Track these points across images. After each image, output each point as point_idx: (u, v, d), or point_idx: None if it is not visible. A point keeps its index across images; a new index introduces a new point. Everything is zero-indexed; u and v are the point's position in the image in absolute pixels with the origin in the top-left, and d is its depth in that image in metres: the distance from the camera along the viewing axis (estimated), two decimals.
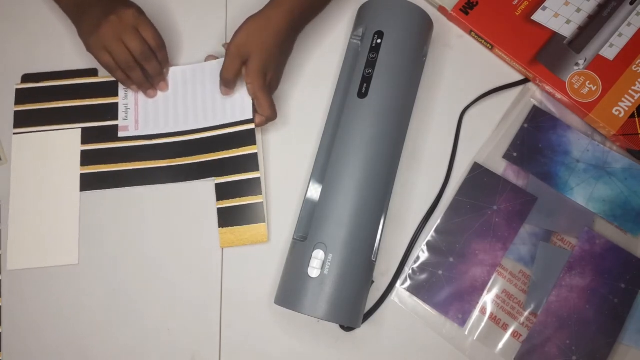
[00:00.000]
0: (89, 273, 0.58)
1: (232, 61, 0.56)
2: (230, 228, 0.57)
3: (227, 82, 0.57)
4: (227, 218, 0.58)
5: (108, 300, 0.57)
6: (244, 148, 0.58)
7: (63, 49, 0.64)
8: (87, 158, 0.60)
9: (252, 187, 0.58)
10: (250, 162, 0.58)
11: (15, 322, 0.57)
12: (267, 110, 0.57)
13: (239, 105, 0.59)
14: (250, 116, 0.58)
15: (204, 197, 0.59)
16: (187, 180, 0.59)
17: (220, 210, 0.58)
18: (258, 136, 0.60)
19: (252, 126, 0.58)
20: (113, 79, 0.62)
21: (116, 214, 0.59)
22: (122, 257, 0.58)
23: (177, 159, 0.59)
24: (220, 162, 0.58)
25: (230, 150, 0.58)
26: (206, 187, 0.59)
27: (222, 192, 0.58)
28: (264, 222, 0.57)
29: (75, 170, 0.60)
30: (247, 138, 0.58)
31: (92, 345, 0.56)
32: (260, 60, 0.55)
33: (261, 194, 0.57)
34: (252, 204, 0.57)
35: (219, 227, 0.58)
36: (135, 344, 0.56)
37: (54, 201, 0.59)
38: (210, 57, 0.62)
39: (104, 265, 0.58)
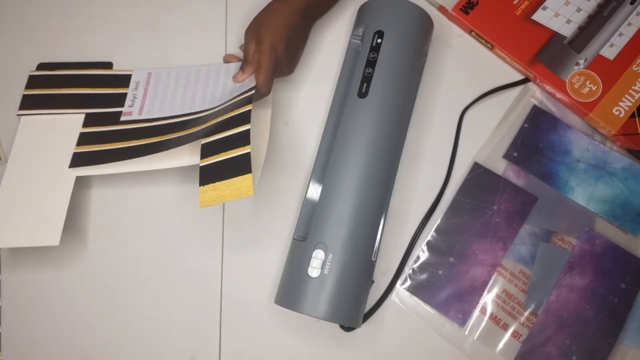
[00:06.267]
0: (89, 273, 0.58)
1: (248, 43, 0.57)
2: (212, 185, 0.50)
3: (246, 65, 0.58)
4: (208, 175, 0.51)
5: (108, 300, 0.57)
6: (237, 110, 0.53)
7: (80, 47, 0.65)
8: (83, 139, 0.59)
9: (240, 139, 0.51)
10: (241, 118, 0.52)
11: (15, 322, 0.57)
12: (261, 78, 0.55)
13: (246, 84, 0.57)
14: (252, 84, 0.55)
15: None
16: (176, 147, 0.54)
17: (202, 169, 0.51)
18: (267, 112, 0.58)
19: (251, 92, 0.54)
20: (127, 72, 0.62)
21: (117, 215, 0.59)
22: (122, 258, 0.58)
23: (173, 134, 0.57)
24: (212, 126, 0.54)
25: (224, 115, 0.54)
26: None
27: (207, 150, 0.52)
28: (250, 172, 0.49)
29: (71, 152, 0.58)
30: (243, 101, 0.54)
31: (92, 345, 0.56)
32: (269, 31, 0.56)
33: (249, 144, 0.50)
34: (237, 155, 0.50)
35: (199, 185, 0.50)
36: (135, 344, 0.56)
37: (46, 183, 0.57)
38: (229, 57, 0.62)
39: (104, 265, 0.58)
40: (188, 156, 0.56)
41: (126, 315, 0.57)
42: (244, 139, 0.51)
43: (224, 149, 0.51)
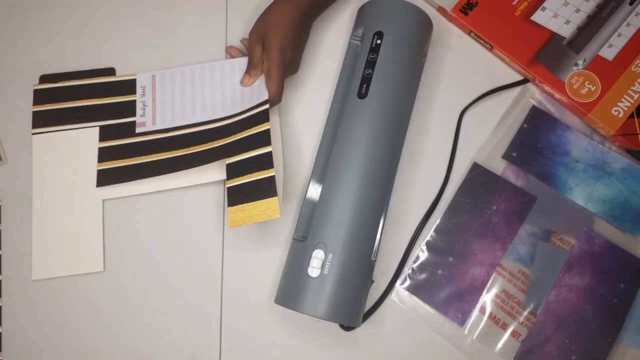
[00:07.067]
0: (89, 273, 0.58)
1: (254, 46, 0.57)
2: (240, 206, 0.53)
3: (253, 69, 0.58)
4: (236, 196, 0.53)
5: (108, 300, 0.57)
6: (256, 127, 0.55)
7: (81, 50, 0.65)
8: (104, 154, 0.59)
9: (263, 161, 0.53)
10: (262, 139, 0.54)
11: (15, 322, 0.57)
12: (273, 88, 0.56)
13: (257, 91, 0.58)
14: (266, 97, 0.56)
15: (205, 199, 0.59)
16: (201, 165, 0.56)
17: (230, 190, 0.54)
18: (275, 118, 0.59)
19: (266, 106, 0.55)
20: (131, 77, 0.63)
21: (117, 214, 0.59)
22: (122, 258, 0.58)
23: (193, 147, 0.58)
24: (233, 143, 0.56)
25: (244, 132, 0.56)
26: (208, 189, 0.59)
27: (233, 171, 0.55)
28: (276, 195, 0.52)
29: (93, 169, 0.59)
30: (261, 117, 0.55)
31: (91, 345, 0.56)
32: (277, 37, 0.55)
33: (272, 167, 0.53)
34: (262, 178, 0.53)
35: (228, 206, 0.53)
36: (135, 344, 0.56)
37: (75, 207, 0.58)
38: (232, 49, 0.62)
39: (105, 265, 0.58)
40: (211, 173, 0.57)
41: (126, 315, 0.57)
42: (267, 161, 0.53)
43: (249, 170, 0.54)
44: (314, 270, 0.50)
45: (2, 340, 0.56)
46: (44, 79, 0.63)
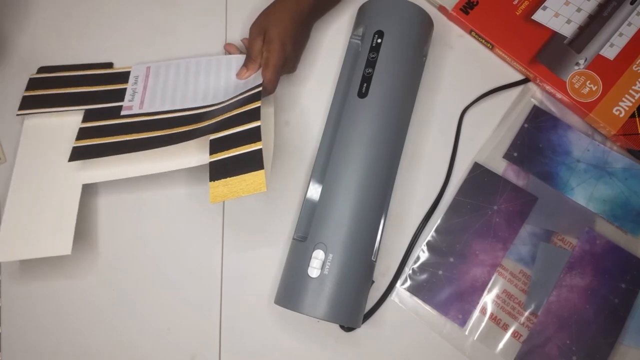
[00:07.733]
0: (89, 273, 0.58)
1: (254, 39, 0.57)
2: (222, 180, 0.49)
3: (251, 62, 0.57)
4: (219, 170, 0.50)
5: (108, 300, 0.57)
6: (246, 106, 0.53)
7: (82, 48, 0.65)
8: (83, 133, 0.57)
9: (251, 135, 0.50)
10: (251, 115, 0.51)
11: (15, 322, 0.57)
12: (269, 76, 0.55)
13: (251, 83, 0.57)
14: (260, 82, 0.55)
15: (204, 197, 0.59)
16: (182, 142, 0.53)
17: (212, 164, 0.50)
18: (270, 109, 0.58)
19: (259, 89, 0.54)
20: (126, 69, 0.62)
21: (117, 215, 0.59)
22: (123, 258, 0.58)
23: (177, 128, 0.56)
24: (220, 122, 0.53)
25: (232, 111, 0.53)
26: (206, 187, 0.59)
27: (216, 146, 0.51)
28: (263, 168, 0.49)
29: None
30: (252, 98, 0.53)
31: (92, 345, 0.56)
32: (279, 30, 0.56)
33: (260, 140, 0.50)
34: (249, 151, 0.49)
35: (210, 181, 0.49)
36: (135, 344, 0.56)
37: (52, 191, 0.56)
38: (229, 46, 0.62)
39: (105, 265, 0.58)
40: (195, 156, 0.55)
41: (126, 315, 0.57)
42: (254, 135, 0.50)
43: (234, 145, 0.51)
44: (314, 271, 0.50)
45: (1, 341, 0.56)
46: (41, 70, 0.63)
